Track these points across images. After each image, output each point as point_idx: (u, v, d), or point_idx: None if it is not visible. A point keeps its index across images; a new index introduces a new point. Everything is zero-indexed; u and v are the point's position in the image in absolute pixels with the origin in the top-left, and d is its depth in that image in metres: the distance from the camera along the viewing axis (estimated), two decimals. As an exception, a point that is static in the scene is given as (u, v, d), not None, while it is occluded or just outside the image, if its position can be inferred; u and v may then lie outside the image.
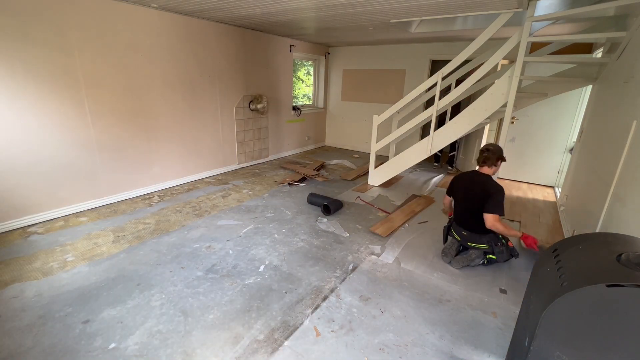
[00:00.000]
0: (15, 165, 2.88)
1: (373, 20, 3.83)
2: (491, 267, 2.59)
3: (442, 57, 5.56)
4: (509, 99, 3.37)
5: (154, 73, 3.78)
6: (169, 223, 3.19)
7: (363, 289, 2.27)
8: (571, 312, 1.06)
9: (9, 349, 1.69)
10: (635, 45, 2.44)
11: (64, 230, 2.98)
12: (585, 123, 3.69)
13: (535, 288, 1.33)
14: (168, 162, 4.17)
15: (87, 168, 3.37)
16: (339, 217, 3.45)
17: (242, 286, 2.25)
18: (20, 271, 2.34)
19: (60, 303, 2.03)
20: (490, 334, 1.89)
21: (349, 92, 6.85)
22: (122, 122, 3.58)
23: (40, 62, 2.87)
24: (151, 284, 2.25)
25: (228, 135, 4.94)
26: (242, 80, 4.96)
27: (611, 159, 2.35)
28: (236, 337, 1.81)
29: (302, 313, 2.01)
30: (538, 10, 3.12)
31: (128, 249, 2.68)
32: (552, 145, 4.62)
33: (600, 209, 2.29)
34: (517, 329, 1.50)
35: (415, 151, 4.17)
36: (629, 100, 2.30)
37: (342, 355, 1.71)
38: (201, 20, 4.13)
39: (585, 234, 1.36)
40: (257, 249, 2.74)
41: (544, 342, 1.14)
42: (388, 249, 2.84)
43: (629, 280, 0.98)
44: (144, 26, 3.58)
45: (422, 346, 1.78)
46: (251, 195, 4.02)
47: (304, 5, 3.23)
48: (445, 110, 4.82)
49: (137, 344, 1.74)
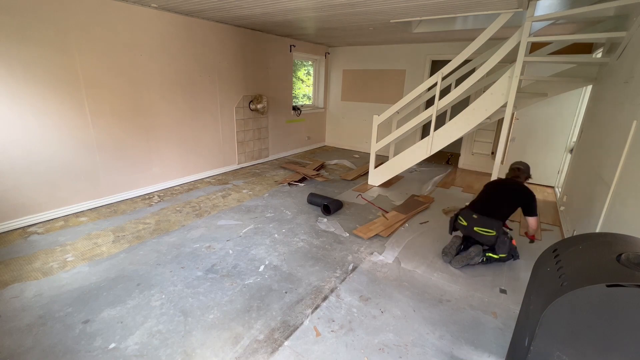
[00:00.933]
0: (15, 165, 2.89)
1: (373, 20, 3.83)
2: (491, 267, 2.59)
3: (442, 57, 5.56)
4: (509, 99, 3.37)
5: (154, 73, 3.78)
6: (169, 223, 3.19)
7: (363, 289, 2.27)
8: (571, 312, 1.06)
9: (9, 349, 1.69)
10: (635, 45, 2.44)
11: (64, 230, 2.98)
12: (585, 123, 3.70)
13: (535, 288, 1.33)
14: (168, 162, 4.17)
15: (87, 168, 3.38)
16: (339, 217, 3.45)
17: (242, 286, 2.25)
18: (20, 271, 2.34)
19: (60, 303, 2.03)
20: (490, 334, 1.89)
21: (348, 92, 6.85)
22: (122, 122, 3.58)
23: (40, 62, 2.87)
24: (151, 284, 2.25)
25: (228, 135, 4.94)
26: (242, 80, 4.96)
27: (611, 159, 2.35)
28: (236, 337, 1.81)
29: (302, 313, 2.01)
30: (538, 10, 3.12)
31: (128, 249, 2.68)
32: (552, 145, 4.63)
33: (600, 209, 2.29)
34: (517, 329, 1.50)
35: (415, 151, 4.17)
36: (629, 100, 2.30)
37: (342, 355, 1.71)
38: (201, 20, 4.13)
39: (585, 234, 1.36)
40: (257, 249, 2.74)
41: (544, 342, 1.14)
42: (388, 249, 2.84)
43: (629, 280, 0.98)
44: (144, 26, 3.58)
45: (422, 346, 1.78)
46: (251, 195, 4.02)
47: (304, 5, 3.23)
48: (445, 110, 4.82)
49: (137, 344, 1.74)
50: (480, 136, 5.48)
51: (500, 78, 3.42)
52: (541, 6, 3.10)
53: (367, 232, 3.08)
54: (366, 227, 3.20)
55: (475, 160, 5.65)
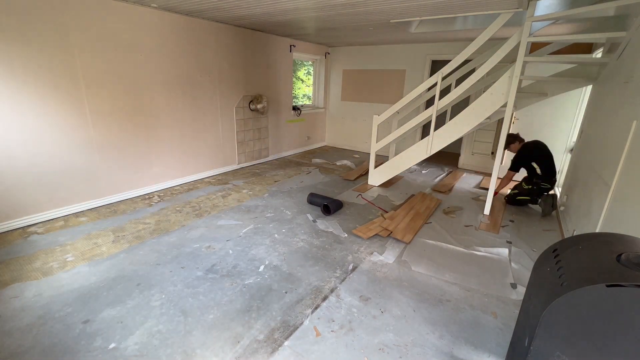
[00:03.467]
0: (15, 165, 2.88)
1: (373, 20, 3.83)
2: (491, 267, 2.60)
3: (442, 57, 5.56)
4: (509, 99, 3.37)
5: (154, 73, 3.78)
6: (169, 223, 3.19)
7: (363, 289, 2.27)
8: (571, 312, 1.06)
9: (9, 349, 1.69)
10: (635, 45, 2.44)
11: (64, 230, 2.98)
12: (585, 123, 3.70)
13: (535, 288, 1.33)
14: (168, 162, 4.17)
15: (87, 168, 3.37)
16: (339, 217, 3.45)
17: (242, 286, 2.25)
18: (20, 271, 2.34)
19: (60, 303, 2.03)
20: (490, 334, 1.89)
21: (349, 92, 6.85)
22: (122, 122, 3.58)
23: (40, 62, 2.87)
24: (151, 284, 2.25)
25: (228, 135, 4.94)
26: (242, 80, 4.96)
27: (611, 159, 2.35)
28: (236, 337, 1.81)
29: (302, 313, 2.01)
30: (538, 10, 3.12)
31: (128, 249, 2.68)
32: (552, 145, 4.59)
33: (600, 209, 2.29)
34: (517, 329, 1.50)
35: (415, 151, 4.17)
36: (629, 100, 2.30)
37: (342, 355, 1.71)
38: (201, 20, 4.13)
39: (585, 234, 1.36)
40: (257, 249, 2.74)
41: (544, 342, 1.14)
42: (388, 249, 2.84)
43: (629, 280, 0.98)
44: (144, 26, 3.58)
45: (422, 346, 1.78)
46: (251, 195, 4.02)
47: (304, 5, 3.23)
48: (445, 110, 4.82)
49: (137, 344, 1.74)
50: (480, 136, 5.48)
51: (500, 78, 3.42)
52: (541, 6, 3.10)
53: (367, 232, 3.08)
54: (366, 227, 3.20)
55: (475, 160, 5.65)
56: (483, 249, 2.88)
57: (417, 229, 3.20)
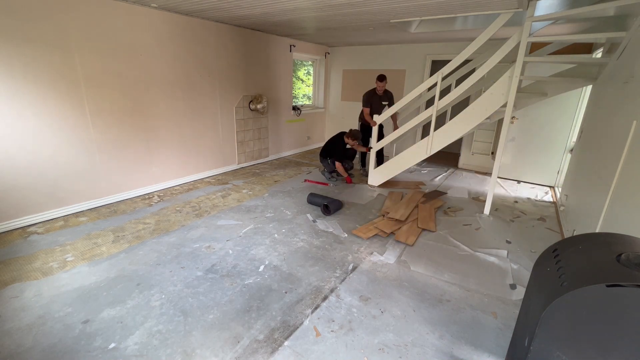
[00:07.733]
0: (15, 165, 2.88)
1: (373, 20, 3.83)
2: (491, 267, 2.60)
3: (442, 57, 5.56)
4: (509, 99, 3.36)
5: (153, 73, 3.78)
6: (168, 223, 3.18)
7: (363, 289, 2.27)
8: (571, 312, 1.06)
9: (9, 349, 1.68)
10: (635, 45, 2.44)
11: (64, 230, 2.98)
12: (585, 123, 3.69)
13: (535, 288, 1.33)
14: (168, 162, 4.17)
15: (86, 168, 3.37)
16: (339, 217, 3.45)
17: (242, 286, 2.25)
18: (20, 271, 2.34)
19: (60, 303, 2.03)
20: (490, 334, 1.89)
21: (348, 92, 6.85)
22: (122, 122, 3.58)
23: (40, 61, 2.87)
24: (151, 284, 2.24)
25: (228, 135, 4.94)
26: (242, 80, 4.96)
27: (611, 159, 2.35)
28: (236, 337, 1.81)
29: (302, 313, 2.01)
30: (538, 10, 3.12)
31: (128, 249, 2.68)
32: (552, 145, 4.62)
33: (600, 209, 2.29)
34: (517, 329, 1.50)
35: (415, 151, 4.17)
36: (629, 100, 2.30)
37: (342, 355, 1.71)
38: (201, 20, 4.13)
39: (585, 234, 1.36)
40: (257, 249, 2.74)
41: (544, 342, 1.14)
42: (388, 249, 2.84)
43: (629, 280, 0.98)
44: (144, 26, 3.58)
45: (422, 346, 1.78)
46: (251, 195, 4.02)
47: (304, 5, 3.22)
48: (445, 110, 4.82)
49: (137, 344, 1.74)
50: (480, 136, 5.47)
51: (500, 78, 3.42)
52: (541, 6, 3.10)
53: (367, 232, 3.08)
54: (366, 227, 3.20)
55: (475, 160, 5.65)
56: (483, 250, 2.88)
57: (420, 232, 3.20)
